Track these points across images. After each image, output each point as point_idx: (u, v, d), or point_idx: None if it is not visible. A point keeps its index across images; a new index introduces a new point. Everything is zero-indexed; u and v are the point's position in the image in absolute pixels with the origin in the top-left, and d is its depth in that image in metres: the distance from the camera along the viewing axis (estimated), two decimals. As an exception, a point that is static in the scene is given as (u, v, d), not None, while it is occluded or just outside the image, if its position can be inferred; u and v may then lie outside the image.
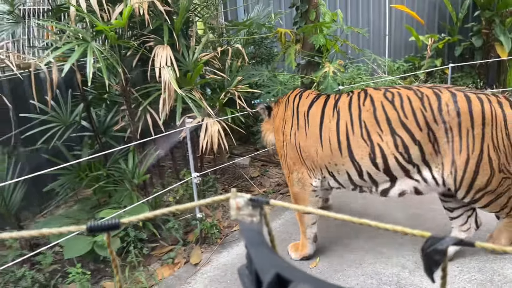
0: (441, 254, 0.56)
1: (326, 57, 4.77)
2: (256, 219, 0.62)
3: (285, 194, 4.30)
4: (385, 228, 0.63)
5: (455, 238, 0.56)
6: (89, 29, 3.00)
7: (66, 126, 3.48)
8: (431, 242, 0.57)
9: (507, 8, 7.37)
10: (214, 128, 3.31)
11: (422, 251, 0.58)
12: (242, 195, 0.63)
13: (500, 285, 2.55)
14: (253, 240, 0.57)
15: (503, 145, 2.46)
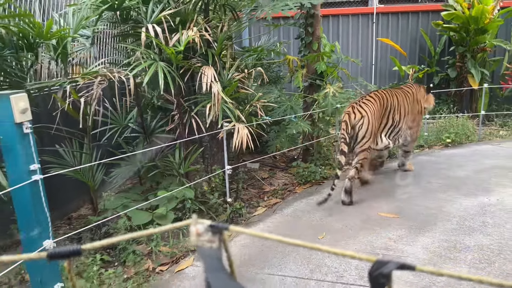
0: (386, 277, 0.58)
1: (326, 80, 5.91)
2: (215, 245, 0.62)
3: (292, 191, 5.32)
4: (325, 250, 0.67)
5: (397, 262, 0.59)
6: (156, 51, 4.03)
7: (122, 127, 4.45)
8: (377, 266, 0.59)
9: (477, 45, 8.73)
10: (244, 131, 4.33)
11: (369, 275, 0.60)
12: (202, 222, 0.63)
13: (459, 247, 3.60)
14: (211, 266, 0.57)
15: None
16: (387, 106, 5.07)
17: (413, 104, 5.48)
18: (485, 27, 8.35)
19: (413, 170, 5.84)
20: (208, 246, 0.62)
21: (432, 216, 4.31)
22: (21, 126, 2.44)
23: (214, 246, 0.63)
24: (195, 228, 0.63)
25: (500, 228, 3.97)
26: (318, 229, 4.16)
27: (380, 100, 4.99)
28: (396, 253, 3.60)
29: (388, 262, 0.60)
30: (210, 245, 0.63)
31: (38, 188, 2.55)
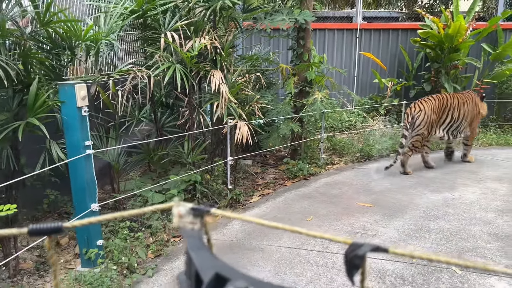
0: (360, 259, 0.61)
1: (314, 88, 6.71)
2: (197, 226, 0.65)
3: (282, 184, 6.05)
4: (304, 233, 0.69)
5: (372, 244, 0.61)
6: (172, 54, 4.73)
7: (137, 120, 5.11)
8: (353, 248, 0.62)
9: (451, 63, 9.72)
10: (244, 128, 5.05)
11: (345, 256, 0.62)
12: (185, 204, 0.65)
13: (424, 228, 4.41)
14: (193, 245, 0.59)
15: None
16: (447, 105, 6.60)
17: (473, 107, 6.89)
18: (458, 46, 9.33)
19: (473, 161, 7.13)
20: (190, 228, 0.64)
21: (403, 206, 5.12)
22: (80, 110, 3.10)
23: (196, 228, 0.64)
24: (177, 210, 0.65)
25: (459, 216, 4.80)
26: (306, 213, 4.91)
27: (440, 100, 6.55)
28: (372, 233, 4.37)
29: (363, 245, 0.62)
30: (191, 227, 0.64)
31: (90, 160, 3.21)
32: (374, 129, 8.48)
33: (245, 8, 5.87)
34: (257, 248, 4.04)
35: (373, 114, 9.80)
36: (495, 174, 6.41)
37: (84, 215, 3.24)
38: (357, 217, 4.79)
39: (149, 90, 4.49)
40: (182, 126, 5.19)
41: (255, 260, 3.80)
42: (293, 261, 3.78)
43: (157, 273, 3.58)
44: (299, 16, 5.75)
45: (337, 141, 7.81)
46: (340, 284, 3.38)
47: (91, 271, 3.23)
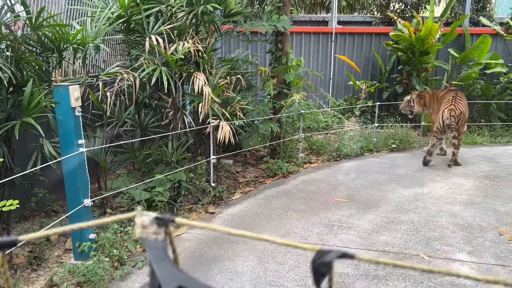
0: (327, 266, 0.61)
1: (292, 89, 7.03)
2: (160, 237, 0.64)
3: (262, 182, 6.33)
4: (271, 241, 0.69)
5: (339, 251, 0.61)
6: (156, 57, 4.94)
7: (122, 121, 5.29)
8: (319, 255, 0.62)
9: (421, 66, 10.22)
10: (227, 128, 5.30)
11: (312, 264, 0.62)
12: (148, 214, 0.64)
13: (395, 221, 4.76)
14: (157, 256, 0.58)
15: None
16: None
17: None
18: (428, 49, 9.85)
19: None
20: (153, 238, 0.63)
21: (377, 201, 5.47)
22: (74, 110, 3.29)
23: (160, 238, 0.63)
24: (141, 220, 0.63)
25: (428, 209, 5.18)
26: (286, 209, 5.19)
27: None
28: (347, 225, 4.69)
29: (330, 251, 0.61)
30: (155, 237, 0.63)
31: (83, 158, 3.40)
32: (349, 130, 8.87)
33: (225, 13, 6.13)
34: (240, 241, 4.29)
35: (348, 115, 10.20)
36: (461, 171, 6.86)
37: (77, 210, 3.42)
38: (334, 211, 5.11)
39: (135, 91, 4.69)
40: (166, 126, 5.40)
41: (239, 251, 4.06)
42: (275, 251, 4.05)
43: (147, 265, 3.79)
44: (278, 23, 6.04)
45: (314, 141, 8.14)
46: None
47: (84, 263, 3.41)
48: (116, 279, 3.52)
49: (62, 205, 5.00)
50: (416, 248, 4.11)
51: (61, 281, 3.33)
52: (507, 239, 4.33)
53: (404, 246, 4.15)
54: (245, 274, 3.63)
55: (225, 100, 5.89)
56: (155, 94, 5.75)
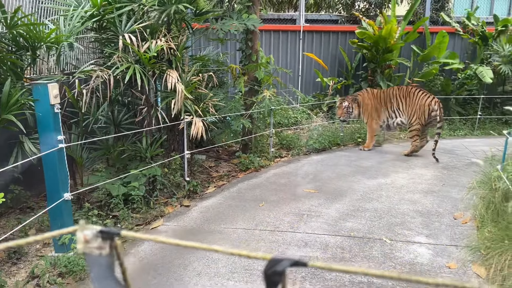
0: (279, 275, 0.60)
1: (263, 86, 7.27)
2: (105, 251, 0.60)
3: (235, 176, 6.55)
4: (221, 251, 0.70)
5: (291, 259, 0.61)
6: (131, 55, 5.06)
7: (95, 118, 5.38)
8: (271, 264, 0.61)
9: (385, 63, 10.70)
10: (200, 124, 5.48)
11: (264, 273, 0.61)
12: (91, 227, 0.60)
13: (360, 209, 5.09)
14: (99, 275, 0.56)
15: None
16: None
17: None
18: (391, 47, 10.31)
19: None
20: (97, 254, 0.58)
21: (343, 191, 5.80)
22: (53, 107, 3.41)
23: (104, 253, 0.59)
24: (83, 235, 0.58)
25: (390, 198, 5.55)
26: (258, 200, 5.44)
27: None
28: (316, 214, 4.98)
29: (283, 260, 0.60)
30: (99, 252, 0.58)
31: (62, 153, 3.52)
32: (317, 125, 9.21)
33: (196, 12, 6.29)
34: (215, 231, 4.50)
35: (317, 111, 10.54)
36: (422, 162, 7.32)
37: (57, 204, 3.54)
38: (303, 201, 5.39)
39: (109, 89, 4.80)
40: (139, 123, 5.53)
41: (215, 240, 4.27)
42: (249, 239, 4.29)
43: (126, 256, 3.95)
44: (248, 21, 6.25)
45: (285, 136, 8.43)
46: (289, 256, 3.93)
47: (65, 255, 3.54)
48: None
49: (37, 201, 5.06)
50: (379, 233, 4.44)
51: (43, 273, 3.44)
52: (460, 222, 4.73)
53: (368, 231, 4.48)
54: (221, 260, 3.85)
55: (198, 97, 6.07)
56: (128, 91, 5.86)
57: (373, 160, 7.49)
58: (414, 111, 7.73)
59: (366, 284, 3.45)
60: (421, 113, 7.66)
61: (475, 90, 10.67)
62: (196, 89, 5.68)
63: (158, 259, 3.90)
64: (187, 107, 5.37)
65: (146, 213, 4.85)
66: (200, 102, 5.92)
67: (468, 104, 11.01)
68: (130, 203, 4.80)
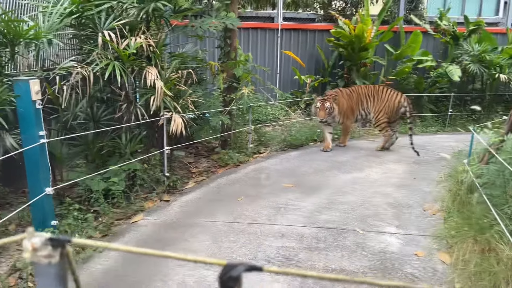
0: (234, 281, 0.61)
1: (241, 83, 7.41)
2: (54, 260, 0.57)
3: (214, 172, 6.68)
4: (174, 257, 0.71)
5: (246, 265, 0.61)
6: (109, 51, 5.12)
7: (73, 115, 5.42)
8: (226, 270, 0.62)
9: (361, 61, 10.98)
10: (179, 120, 5.58)
11: (219, 279, 0.62)
12: (40, 235, 0.57)
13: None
14: (48, 285, 0.53)
15: None
16: None
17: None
18: (366, 46, 10.60)
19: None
20: (46, 262, 0.55)
21: (320, 186, 6.00)
22: (35, 103, 3.47)
23: (53, 262, 0.56)
24: (31, 243, 0.55)
25: (364, 191, 5.79)
26: (237, 195, 5.59)
27: None
28: (293, 207, 5.17)
29: (238, 265, 0.61)
30: (48, 261, 0.55)
31: (44, 148, 3.58)
32: (295, 121, 9.41)
33: (175, 9, 6.38)
34: (195, 224, 4.63)
35: (294, 108, 10.76)
36: (395, 157, 7.61)
37: (39, 198, 3.60)
38: (281, 195, 5.57)
39: (89, 85, 4.86)
40: (118, 119, 5.59)
41: (195, 233, 4.40)
42: (228, 232, 4.43)
43: (107, 249, 4.04)
44: (227, 20, 6.38)
45: (263, 133, 8.59)
46: (267, 246, 4.10)
47: (47, 248, 3.61)
48: (78, 262, 3.75)
49: (16, 197, 5.08)
50: (353, 224, 4.66)
51: (25, 266, 3.51)
52: (429, 214, 5.00)
53: (342, 223, 4.69)
54: (201, 252, 3.99)
55: (177, 94, 6.16)
56: (106, 88, 5.90)
57: (348, 156, 7.73)
58: (382, 108, 8.07)
59: (339, 272, 3.65)
60: (389, 110, 8.04)
61: (446, 88, 11.07)
62: (175, 86, 5.78)
63: (139, 252, 4.00)
64: (167, 103, 5.46)
65: (127, 207, 4.94)
66: (179, 99, 6.01)
67: (440, 101, 11.41)
68: (110, 198, 4.88)
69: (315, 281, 3.47)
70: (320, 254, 3.96)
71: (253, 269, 0.63)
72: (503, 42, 12.03)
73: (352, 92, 8.32)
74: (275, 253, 3.96)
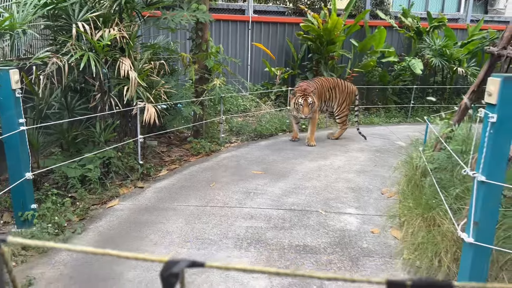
0: (176, 277, 0.61)
1: (213, 75, 7.68)
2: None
3: (187, 160, 6.95)
4: (118, 255, 0.71)
5: (188, 261, 0.62)
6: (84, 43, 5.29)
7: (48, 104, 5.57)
8: (168, 266, 0.62)
9: (328, 54, 11.40)
10: (152, 110, 5.82)
11: (161, 276, 0.61)
12: None
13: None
14: None
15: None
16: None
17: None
18: (333, 39, 11.03)
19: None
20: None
21: (287, 172, 6.38)
22: (14, 92, 3.65)
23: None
24: None
25: (328, 177, 6.20)
26: (210, 181, 5.89)
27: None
28: (262, 191, 5.52)
29: (179, 262, 0.61)
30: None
31: (24, 135, 3.77)
32: (265, 112, 9.76)
33: (147, 1, 6.57)
34: (169, 208, 4.92)
35: (265, 99, 11.10)
36: (358, 146, 8.08)
37: (19, 183, 3.80)
38: (251, 181, 5.92)
39: (65, 75, 5.03)
40: (92, 108, 5.77)
41: (169, 216, 4.69)
42: (200, 214, 4.74)
43: (85, 231, 4.28)
44: (199, 14, 6.62)
45: (234, 123, 8.90)
46: (237, 226, 4.44)
47: (27, 230, 3.82)
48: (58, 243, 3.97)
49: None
50: (316, 206, 5.05)
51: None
52: (386, 196, 5.46)
53: (306, 205, 5.08)
54: (175, 232, 4.28)
55: (150, 84, 6.38)
56: (80, 78, 6.06)
57: (316, 145, 8.15)
58: (344, 100, 8.55)
59: (302, 247, 4.02)
60: (350, 100, 8.58)
61: (409, 81, 11.67)
62: (148, 76, 5.99)
63: (116, 233, 4.26)
64: (140, 93, 5.68)
65: (102, 193, 5.16)
66: (152, 89, 6.24)
67: (403, 93, 12.00)
68: (87, 184, 5.09)
69: (280, 254, 3.84)
70: (286, 233, 4.33)
71: (194, 265, 0.65)
72: (463, 37, 12.73)
73: (317, 84, 8.66)
74: (245, 232, 4.31)
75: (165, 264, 0.63)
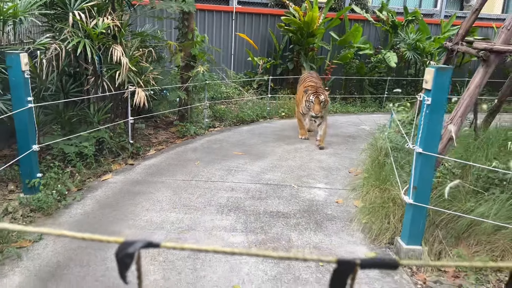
0: (131, 257, 0.62)
1: (198, 62, 8.24)
2: None
3: (173, 142, 7.53)
4: (92, 239, 0.75)
5: (143, 241, 0.62)
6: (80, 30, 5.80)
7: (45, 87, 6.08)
8: (123, 247, 0.62)
9: (309, 46, 12.04)
10: (142, 93, 6.37)
11: (116, 256, 0.62)
12: None
13: (278, 166, 6.35)
14: None
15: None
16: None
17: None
18: (314, 31, 11.66)
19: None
20: None
21: (266, 154, 7.03)
22: (24, 73, 4.18)
23: None
24: None
25: (302, 158, 6.88)
26: (194, 160, 6.50)
27: None
28: (242, 169, 6.16)
29: (134, 242, 0.61)
30: None
31: (31, 112, 4.31)
32: (247, 100, 10.37)
33: (137, -8, 7.08)
34: (158, 181, 5.52)
35: (247, 88, 11.70)
36: (333, 132, 8.77)
37: (27, 154, 4.34)
38: (232, 161, 6.55)
39: (61, 60, 5.55)
40: (86, 91, 6.30)
41: (158, 188, 5.29)
42: (186, 187, 5.36)
43: (84, 199, 4.85)
44: (184, 5, 7.17)
45: (218, 109, 9.49)
46: (219, 196, 5.07)
47: (34, 196, 4.37)
48: (60, 208, 4.54)
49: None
50: (290, 181, 5.72)
51: (14, 210, 4.27)
52: (353, 175, 6.16)
53: (281, 181, 5.74)
54: (164, 201, 4.90)
55: (139, 70, 6.92)
56: (74, 63, 6.56)
57: (293, 131, 8.81)
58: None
59: (275, 213, 4.69)
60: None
61: (384, 73, 12.41)
62: (138, 62, 6.54)
63: (112, 201, 4.85)
64: (131, 78, 6.23)
65: (96, 169, 5.72)
66: (141, 75, 6.78)
67: (380, 85, 12.75)
68: (84, 159, 5.65)
69: (256, 217, 4.50)
70: (262, 202, 4.98)
71: (150, 246, 0.65)
72: (437, 32, 13.52)
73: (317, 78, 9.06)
74: (226, 201, 4.95)
75: (121, 244, 0.64)
